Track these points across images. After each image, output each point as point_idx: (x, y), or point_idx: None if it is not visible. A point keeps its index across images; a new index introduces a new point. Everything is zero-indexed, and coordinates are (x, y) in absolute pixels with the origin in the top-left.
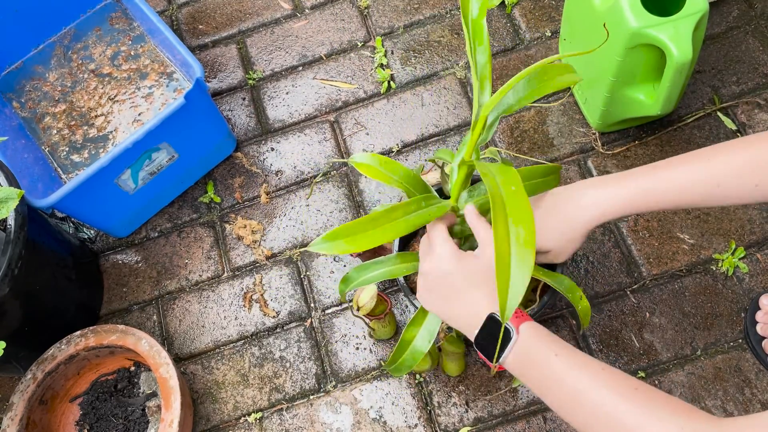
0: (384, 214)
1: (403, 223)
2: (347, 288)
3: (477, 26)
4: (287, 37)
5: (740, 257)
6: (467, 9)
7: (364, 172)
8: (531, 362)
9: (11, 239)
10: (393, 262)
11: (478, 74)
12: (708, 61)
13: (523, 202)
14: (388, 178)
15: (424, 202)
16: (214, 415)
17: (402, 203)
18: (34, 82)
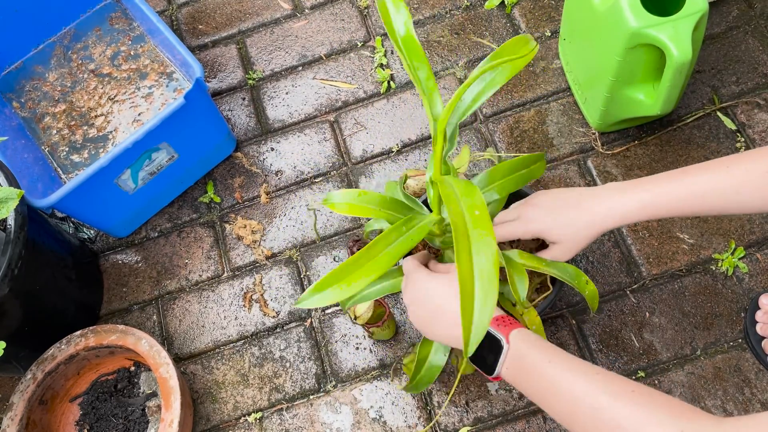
0: (365, 253)
1: (387, 255)
2: (348, 303)
3: (409, 43)
4: (287, 37)
5: (740, 257)
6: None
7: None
8: (525, 371)
9: (11, 239)
10: (394, 275)
11: (424, 89)
12: (708, 61)
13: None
14: (366, 209)
15: (404, 227)
16: (214, 415)
17: (381, 236)
18: (34, 82)
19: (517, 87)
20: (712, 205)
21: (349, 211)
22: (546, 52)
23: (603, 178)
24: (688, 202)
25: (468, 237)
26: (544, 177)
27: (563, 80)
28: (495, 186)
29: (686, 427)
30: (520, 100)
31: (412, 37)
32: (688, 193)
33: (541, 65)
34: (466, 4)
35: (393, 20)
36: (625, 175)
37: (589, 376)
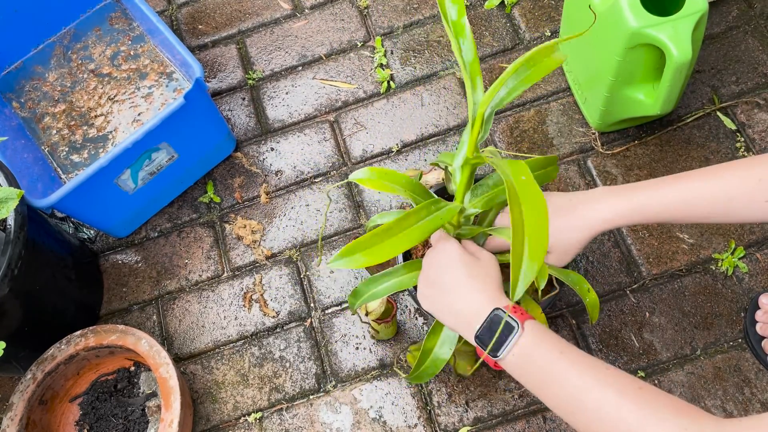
0: (397, 224)
1: (417, 230)
2: (357, 301)
3: (458, 26)
4: (287, 37)
5: (740, 257)
6: (446, 11)
7: (369, 185)
8: (533, 359)
9: (11, 239)
10: (401, 273)
11: (468, 72)
12: (707, 61)
13: (534, 191)
14: (392, 188)
15: (433, 206)
16: (214, 415)
17: (412, 211)
18: (33, 82)
19: None
20: (703, 213)
21: (372, 186)
22: None
23: (603, 177)
24: (679, 208)
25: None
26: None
27: (563, 80)
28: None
29: (689, 426)
30: (520, 100)
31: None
32: (680, 199)
33: None
34: (465, 4)
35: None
36: (625, 174)
37: (599, 370)
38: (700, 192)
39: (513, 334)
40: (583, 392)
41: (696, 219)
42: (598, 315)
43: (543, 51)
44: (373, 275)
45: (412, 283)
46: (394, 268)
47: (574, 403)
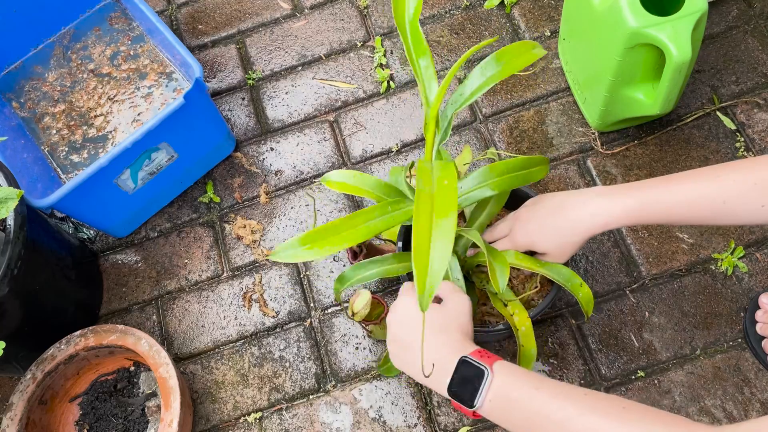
0: (345, 221)
1: (365, 229)
2: (342, 287)
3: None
4: (287, 37)
5: (739, 257)
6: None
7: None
8: (511, 401)
9: (11, 239)
10: (390, 261)
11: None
12: (707, 61)
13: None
14: (360, 189)
15: (390, 207)
16: (214, 414)
17: (364, 210)
18: (33, 82)
19: (516, 87)
20: (699, 215)
21: (343, 189)
22: None
23: (602, 177)
24: (674, 210)
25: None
26: (545, 177)
27: (563, 80)
28: (489, 183)
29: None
30: (519, 100)
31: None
32: (675, 200)
33: (540, 65)
34: (465, 4)
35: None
36: (625, 174)
37: (578, 398)
38: (696, 194)
39: (484, 380)
40: (568, 423)
41: (691, 221)
42: (592, 310)
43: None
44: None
45: (400, 272)
46: (383, 256)
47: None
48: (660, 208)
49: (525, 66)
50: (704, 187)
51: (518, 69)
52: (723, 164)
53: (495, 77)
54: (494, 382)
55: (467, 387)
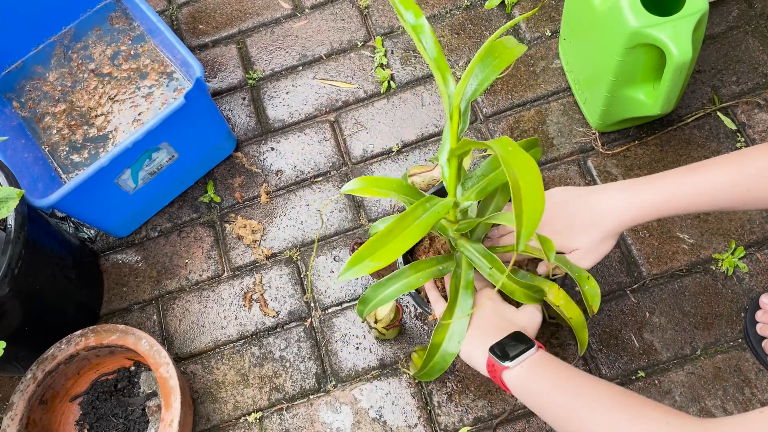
0: (397, 224)
1: (417, 227)
2: (366, 309)
3: (418, 28)
4: (287, 36)
5: (740, 257)
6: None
7: (362, 193)
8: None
9: (11, 239)
10: (407, 274)
11: (437, 68)
12: (708, 61)
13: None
14: (384, 193)
15: (427, 203)
16: (214, 414)
17: (409, 210)
18: (34, 82)
19: (517, 87)
20: (722, 204)
21: (364, 193)
22: (546, 52)
23: (603, 177)
24: (698, 200)
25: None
26: (545, 177)
27: (563, 80)
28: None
29: (672, 420)
30: (520, 100)
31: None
32: (699, 191)
33: (541, 65)
34: (466, 4)
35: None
36: (625, 174)
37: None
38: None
39: (529, 350)
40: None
41: (714, 209)
42: (599, 305)
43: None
44: (378, 281)
45: (418, 284)
46: (399, 270)
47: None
48: (685, 199)
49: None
50: (729, 177)
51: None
52: (744, 151)
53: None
54: (536, 355)
55: (509, 349)
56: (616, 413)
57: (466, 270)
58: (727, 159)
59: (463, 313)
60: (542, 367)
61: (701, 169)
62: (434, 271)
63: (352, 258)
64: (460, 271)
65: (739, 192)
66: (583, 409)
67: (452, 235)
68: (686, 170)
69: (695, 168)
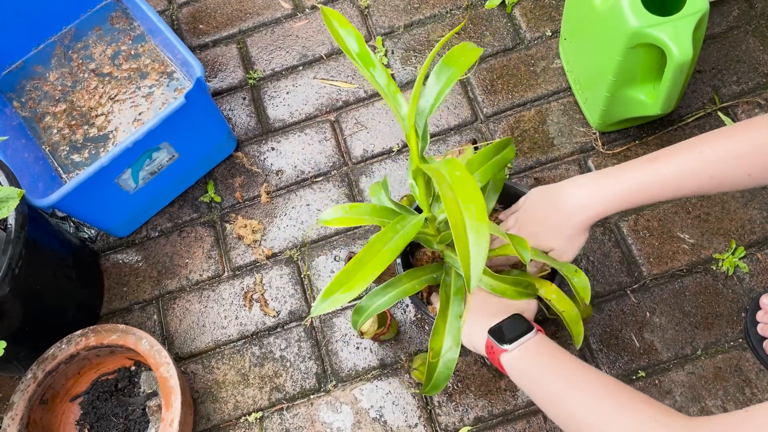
0: (366, 251)
1: (387, 252)
2: (361, 318)
3: (363, 57)
4: (287, 36)
5: (740, 257)
6: (346, 45)
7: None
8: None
9: (12, 239)
10: (402, 282)
11: (387, 93)
12: (708, 61)
13: (469, 184)
14: (359, 220)
15: (398, 225)
16: (215, 414)
17: (378, 236)
18: (34, 82)
19: (517, 87)
20: (688, 191)
21: (342, 224)
22: (546, 52)
23: None
24: (664, 188)
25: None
26: (545, 177)
27: (564, 80)
28: (477, 174)
29: (660, 417)
30: (520, 100)
31: (365, 51)
32: (662, 180)
33: (541, 65)
34: (466, 4)
35: (346, 41)
36: None
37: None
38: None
39: (528, 333)
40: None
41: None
42: (590, 297)
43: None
44: (374, 290)
45: (415, 290)
46: (395, 278)
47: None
48: (649, 189)
49: (471, 64)
50: (690, 165)
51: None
52: (704, 136)
53: (451, 79)
54: (534, 339)
55: (509, 332)
56: (605, 403)
57: (455, 278)
58: (688, 146)
59: (455, 317)
60: (539, 352)
61: (662, 157)
62: (429, 279)
63: (324, 292)
64: (449, 280)
65: (703, 178)
66: (573, 396)
67: (438, 247)
68: (647, 160)
69: (656, 157)
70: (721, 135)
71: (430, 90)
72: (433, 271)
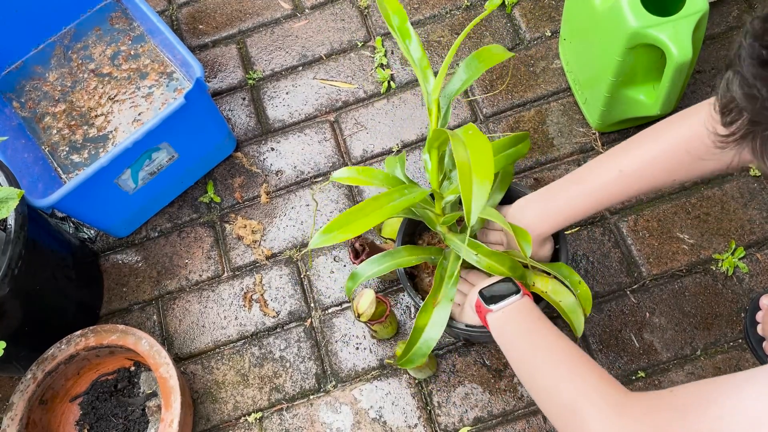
0: (370, 203)
1: (389, 209)
2: (355, 284)
3: (403, 30)
4: (287, 37)
5: (740, 257)
6: (390, 19)
7: (349, 182)
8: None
9: (11, 239)
10: (401, 254)
11: (419, 67)
12: (708, 61)
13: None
14: (369, 182)
15: (406, 190)
16: (214, 414)
17: (385, 193)
18: (34, 82)
19: (517, 87)
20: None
21: (353, 182)
22: (546, 52)
23: None
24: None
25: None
26: (544, 177)
27: (563, 80)
28: None
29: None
30: (520, 100)
31: (405, 26)
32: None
33: (541, 65)
34: (466, 4)
35: (389, 13)
36: None
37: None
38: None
39: (514, 295)
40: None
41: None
42: (590, 308)
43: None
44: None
45: (410, 263)
46: (394, 249)
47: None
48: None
49: (497, 63)
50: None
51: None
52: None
53: (478, 71)
54: (518, 303)
55: (496, 294)
56: (560, 370)
57: (452, 263)
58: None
59: (446, 300)
60: (518, 315)
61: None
62: (426, 257)
63: (324, 228)
64: (446, 263)
65: (629, 191)
66: (536, 361)
67: (440, 229)
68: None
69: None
70: (642, 139)
71: (458, 76)
72: (432, 253)
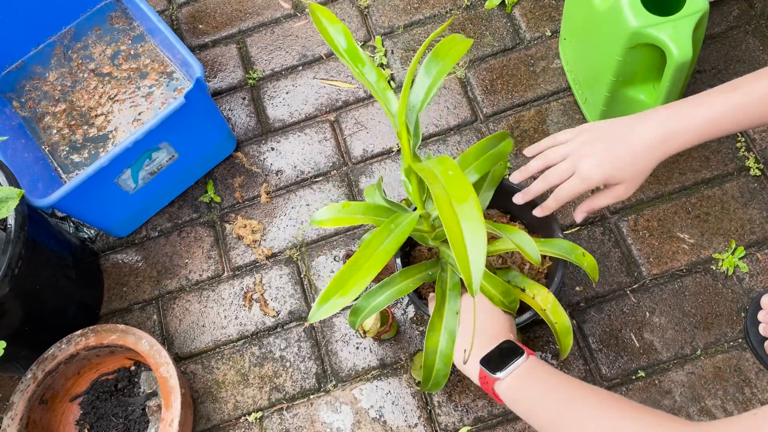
0: (361, 253)
1: (382, 253)
2: (358, 319)
3: (352, 53)
4: (287, 36)
5: (740, 257)
6: (333, 42)
7: (328, 226)
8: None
9: (11, 239)
10: (397, 281)
11: (377, 89)
12: (708, 61)
13: (462, 183)
14: (353, 219)
15: (392, 224)
16: (215, 414)
17: (373, 235)
18: (34, 82)
19: (517, 87)
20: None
21: (336, 224)
22: (546, 52)
23: None
24: (738, 119)
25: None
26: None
27: (563, 80)
28: (473, 168)
29: (665, 423)
30: (520, 100)
31: (354, 49)
32: (736, 111)
33: (541, 65)
34: (466, 4)
35: (333, 37)
36: None
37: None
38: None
39: (519, 359)
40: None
41: (760, 123)
42: (597, 276)
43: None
44: (370, 289)
45: (410, 289)
46: (390, 277)
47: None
48: (723, 123)
49: (460, 57)
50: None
51: (455, 61)
52: None
53: (441, 72)
54: (526, 364)
55: (500, 360)
56: (608, 414)
57: (450, 273)
58: (757, 75)
59: (452, 313)
60: (532, 376)
61: (734, 87)
62: (424, 276)
63: (321, 297)
64: (445, 276)
65: None
66: (573, 413)
67: (432, 244)
68: (724, 88)
69: (729, 87)
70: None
71: (420, 85)
72: (429, 268)
